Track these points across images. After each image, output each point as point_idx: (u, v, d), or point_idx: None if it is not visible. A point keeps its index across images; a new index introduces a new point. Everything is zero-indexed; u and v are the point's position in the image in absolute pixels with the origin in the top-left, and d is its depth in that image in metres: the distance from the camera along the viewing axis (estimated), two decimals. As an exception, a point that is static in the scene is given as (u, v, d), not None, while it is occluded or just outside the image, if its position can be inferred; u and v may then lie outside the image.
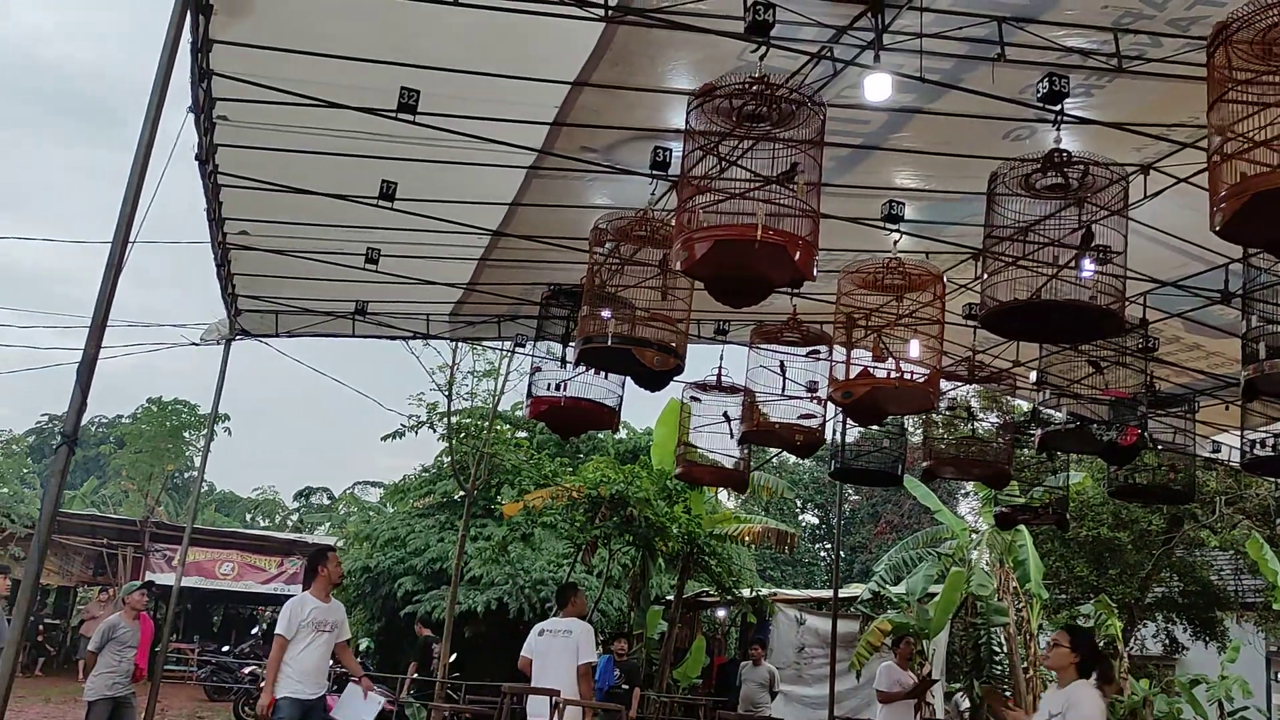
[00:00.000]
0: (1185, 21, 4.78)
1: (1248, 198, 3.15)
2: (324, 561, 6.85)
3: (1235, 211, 3.20)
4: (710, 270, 4.11)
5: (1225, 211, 3.23)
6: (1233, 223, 3.24)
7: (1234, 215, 3.21)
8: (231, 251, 8.01)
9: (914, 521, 30.38)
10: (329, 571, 6.83)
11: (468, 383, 16.64)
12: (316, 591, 6.77)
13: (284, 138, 6.13)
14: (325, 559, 6.87)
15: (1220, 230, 3.32)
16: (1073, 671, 4.98)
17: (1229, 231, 3.32)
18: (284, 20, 5.08)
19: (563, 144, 6.35)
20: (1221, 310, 7.43)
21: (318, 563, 6.86)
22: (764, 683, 13.40)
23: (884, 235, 6.33)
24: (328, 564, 6.84)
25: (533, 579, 16.76)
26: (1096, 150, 5.40)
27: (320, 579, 6.80)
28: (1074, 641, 5.08)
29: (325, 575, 6.81)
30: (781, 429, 6.75)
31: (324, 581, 6.82)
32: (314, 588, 6.79)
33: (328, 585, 6.87)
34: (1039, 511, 9.19)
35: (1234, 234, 3.37)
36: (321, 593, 6.80)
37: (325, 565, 6.82)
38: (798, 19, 4.83)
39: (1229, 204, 3.22)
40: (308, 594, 6.77)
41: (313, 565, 6.91)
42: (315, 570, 6.84)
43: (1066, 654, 5.03)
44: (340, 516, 35.80)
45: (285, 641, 6.52)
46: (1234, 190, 3.21)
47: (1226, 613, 19.06)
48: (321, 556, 6.92)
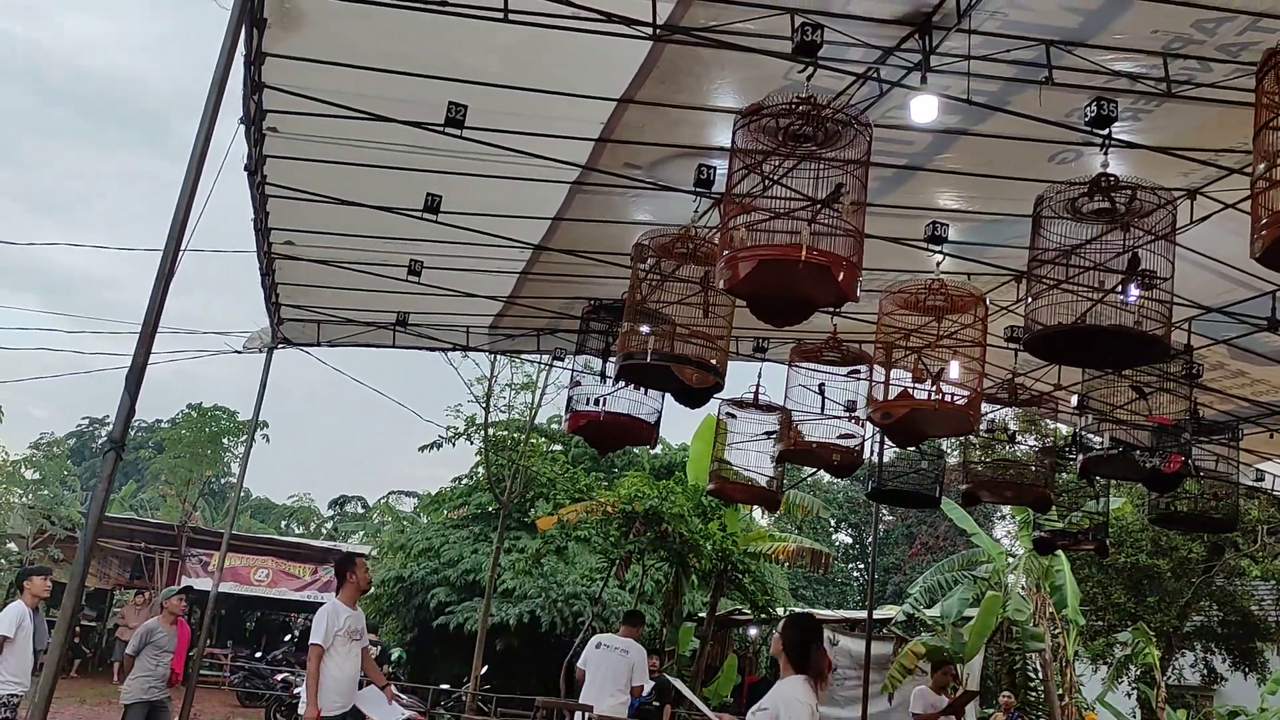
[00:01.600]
0: (1236, 47, 4.75)
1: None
2: (353, 568, 6.79)
3: (1276, 238, 3.17)
4: (754, 289, 4.12)
5: (1266, 238, 3.21)
6: (1272, 249, 3.21)
7: (1274, 242, 3.18)
8: (276, 261, 8.13)
9: (949, 544, 30.08)
10: (358, 578, 6.78)
11: (505, 395, 16.72)
12: (346, 599, 6.72)
13: (331, 150, 6.22)
14: (354, 565, 6.83)
15: (1259, 257, 3.30)
16: (785, 663, 4.48)
17: (1268, 258, 3.29)
18: (335, 35, 5.17)
19: (607, 160, 6.39)
20: (1267, 337, 7.33)
21: (347, 569, 6.80)
22: None
23: (926, 256, 6.31)
24: (356, 570, 6.79)
25: (565, 593, 16.78)
26: (1143, 174, 5.36)
27: (349, 586, 6.74)
28: (784, 631, 4.54)
29: (354, 582, 6.75)
30: (819, 448, 6.72)
31: (353, 589, 6.76)
32: (343, 595, 6.73)
33: (356, 592, 6.81)
34: (1078, 537, 9.09)
35: (1273, 261, 3.34)
36: (351, 600, 6.76)
37: (354, 572, 6.77)
38: (845, 40, 4.85)
39: (1269, 231, 3.19)
40: (339, 601, 6.71)
41: (341, 572, 6.84)
42: (344, 577, 6.78)
43: (777, 644, 4.55)
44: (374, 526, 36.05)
45: (323, 651, 6.42)
46: (1275, 217, 3.19)
47: (1267, 643, 18.70)
48: (350, 563, 6.87)
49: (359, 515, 43.66)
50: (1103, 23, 4.68)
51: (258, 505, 45.13)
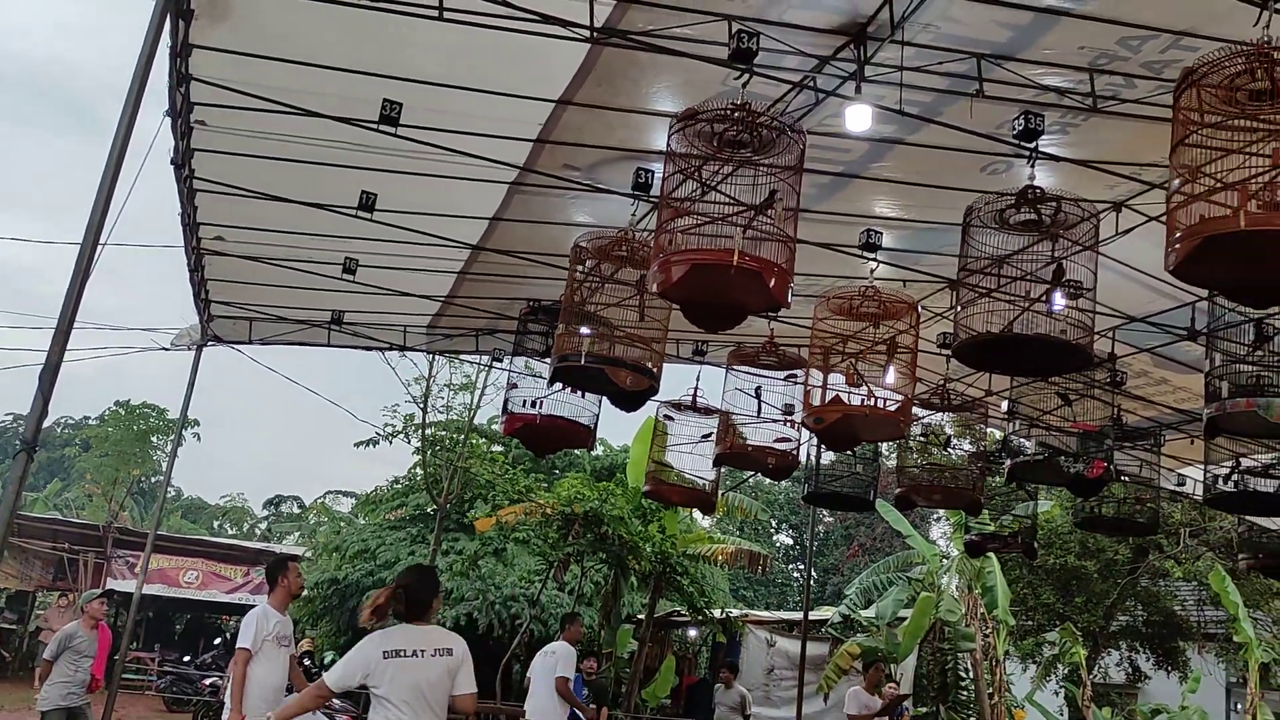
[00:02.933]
0: (1159, 65, 4.87)
1: (1200, 240, 3.22)
2: (284, 571, 6.56)
3: (1188, 253, 3.26)
4: (686, 293, 4.13)
5: (1179, 252, 3.29)
6: (1185, 263, 3.30)
7: (1186, 256, 3.27)
8: (206, 257, 7.96)
9: (886, 545, 30.48)
10: (289, 582, 6.55)
11: (444, 396, 16.57)
12: (277, 603, 6.50)
13: (263, 144, 6.11)
14: (285, 569, 6.60)
15: (1173, 270, 3.38)
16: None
17: (1181, 272, 3.38)
18: (266, 27, 5.08)
19: (545, 161, 6.37)
20: (1189, 346, 7.54)
21: (278, 572, 6.56)
22: (736, 706, 13.39)
23: (863, 263, 6.38)
24: (288, 574, 6.56)
25: (503, 595, 16.67)
26: (1071, 187, 5.48)
27: (280, 589, 6.51)
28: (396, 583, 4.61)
29: (285, 586, 6.52)
30: (754, 451, 6.76)
31: (284, 593, 6.53)
32: (274, 598, 6.51)
33: (288, 597, 6.59)
34: (1007, 540, 9.25)
35: (1186, 274, 3.43)
36: (282, 605, 6.54)
37: (286, 575, 6.53)
38: (782, 48, 4.88)
39: (1183, 245, 3.28)
40: (270, 606, 6.48)
41: (272, 575, 6.61)
42: (275, 580, 6.55)
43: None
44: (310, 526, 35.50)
45: (250, 655, 6.15)
46: (1189, 232, 3.28)
47: (1189, 643, 19.24)
48: (282, 566, 6.64)
49: (294, 516, 42.97)
50: (1032, 38, 4.78)
51: (189, 505, 44.21)
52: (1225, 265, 3.43)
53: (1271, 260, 3.39)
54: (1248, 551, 9.07)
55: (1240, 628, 15.30)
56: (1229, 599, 14.89)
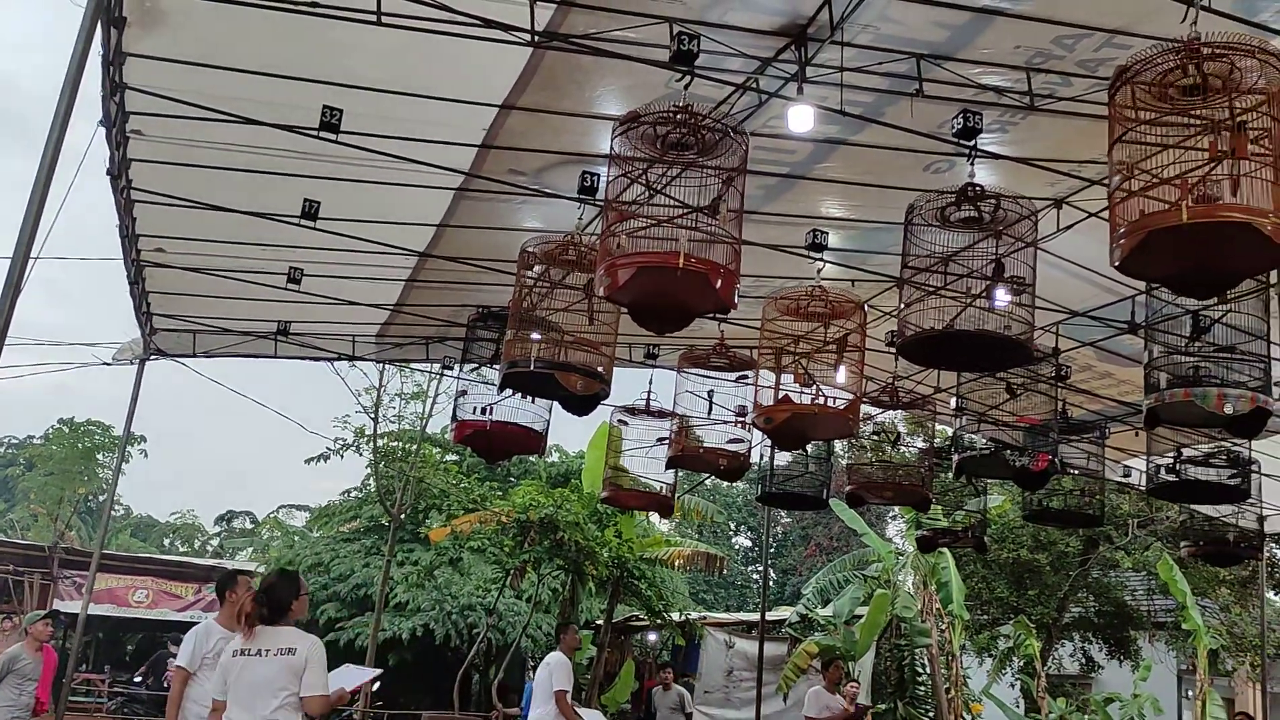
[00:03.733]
0: (1094, 63, 4.96)
1: (1144, 235, 3.27)
2: (233, 586, 6.23)
3: (1133, 248, 3.31)
4: (633, 296, 4.12)
5: (1124, 247, 3.35)
6: (1130, 258, 3.35)
7: (1131, 251, 3.32)
8: (146, 269, 7.81)
9: (843, 544, 30.71)
10: (237, 597, 6.13)
11: (395, 405, 16.39)
12: (224, 620, 6.12)
13: (202, 154, 6.01)
14: (234, 584, 6.27)
15: (1119, 265, 3.43)
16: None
17: (1127, 267, 3.43)
18: (201, 34, 5.00)
19: (490, 166, 6.33)
20: (1131, 340, 7.67)
21: (226, 588, 6.25)
22: (675, 706, 13.35)
23: (810, 263, 6.42)
24: (236, 589, 6.19)
25: (460, 604, 16.55)
26: (1013, 184, 5.56)
27: (228, 605, 6.14)
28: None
29: (234, 601, 6.10)
30: (706, 453, 6.77)
31: (231, 609, 6.10)
32: (222, 615, 6.15)
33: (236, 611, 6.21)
34: (959, 535, 9.36)
35: (1131, 269, 3.49)
36: (229, 621, 6.09)
37: (234, 590, 6.18)
38: (724, 50, 4.90)
39: (1127, 240, 3.33)
40: (214, 622, 6.14)
41: (221, 591, 6.31)
42: (224, 596, 6.24)
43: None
44: (263, 541, 34.97)
45: (187, 674, 5.76)
46: (1132, 227, 3.33)
47: (1139, 632, 19.59)
48: (231, 581, 6.32)
49: (247, 531, 42.30)
50: (969, 37, 4.84)
51: (138, 523, 43.34)
52: (1169, 259, 3.49)
53: (1213, 252, 3.45)
54: (1192, 540, 9.26)
55: (1189, 615, 15.61)
56: (1177, 587, 15.18)
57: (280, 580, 4.90)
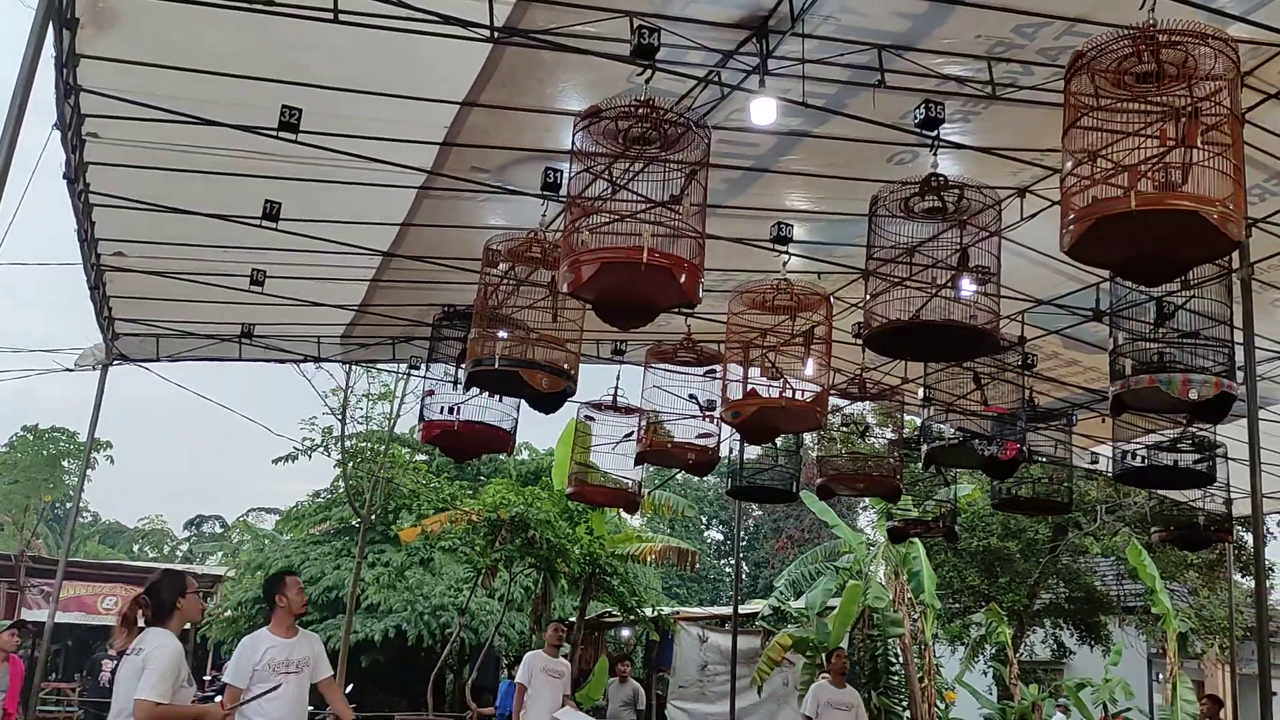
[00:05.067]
0: (1054, 51, 4.98)
1: (1093, 221, 3.29)
2: (281, 589, 5.61)
3: (1082, 234, 3.33)
4: (597, 292, 4.10)
5: (1073, 233, 3.36)
6: (1080, 244, 3.38)
7: (1080, 237, 3.34)
8: (107, 274, 7.68)
9: (815, 536, 30.82)
10: (289, 601, 5.58)
11: (362, 406, 16.24)
12: (275, 627, 5.55)
13: (160, 156, 5.92)
14: (282, 585, 5.64)
15: (1068, 251, 3.45)
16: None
17: (1076, 252, 3.46)
18: (155, 34, 4.91)
19: (453, 164, 6.27)
20: (1095, 327, 7.73)
21: (274, 591, 5.63)
22: (629, 701, 13.30)
23: (776, 256, 6.42)
24: (286, 591, 5.60)
25: (432, 605, 16.46)
26: (978, 174, 5.59)
27: (280, 610, 5.57)
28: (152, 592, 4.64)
29: (285, 605, 5.57)
30: (674, 448, 6.76)
31: (284, 612, 5.57)
32: (273, 622, 5.59)
33: (289, 615, 5.59)
34: (929, 525, 9.40)
35: (1081, 255, 3.51)
36: (281, 628, 5.55)
37: (284, 592, 5.60)
38: (685, 43, 4.87)
39: (1076, 226, 3.35)
40: (263, 631, 5.59)
41: (269, 595, 5.67)
42: (272, 600, 5.62)
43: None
44: (233, 545, 34.63)
45: (239, 693, 5.24)
46: (1081, 213, 3.35)
47: (1109, 617, 19.81)
48: (278, 584, 5.68)
49: (217, 535, 41.90)
50: (929, 27, 4.84)
51: (106, 529, 42.81)
52: (1118, 245, 3.51)
53: (1161, 239, 3.48)
54: (1160, 525, 9.36)
55: (1158, 599, 15.79)
56: (1146, 572, 15.35)
57: (163, 580, 4.68)
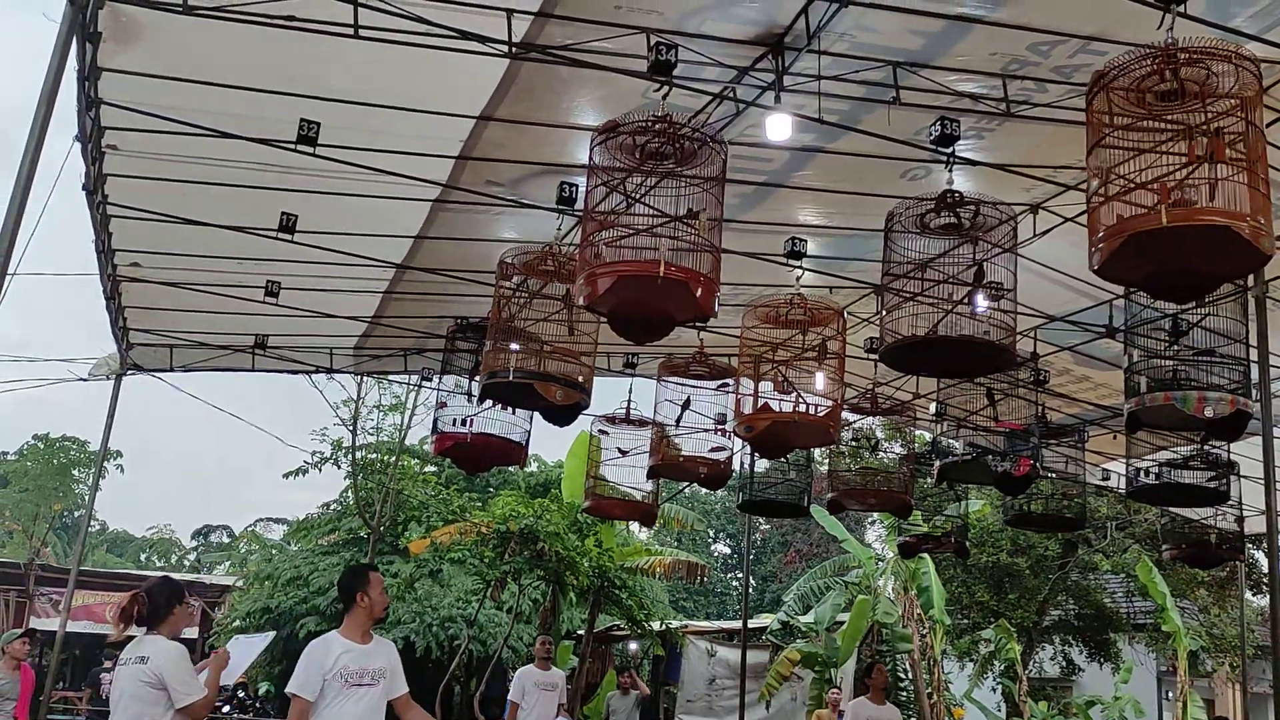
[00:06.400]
0: (1068, 69, 5.00)
1: (1124, 238, 3.29)
2: (365, 586, 4.72)
3: (1113, 251, 3.33)
4: (613, 306, 4.11)
5: (1103, 251, 3.36)
6: (1110, 262, 3.37)
7: (1111, 255, 3.34)
8: (122, 284, 7.74)
9: (823, 550, 30.73)
10: (372, 601, 4.72)
11: (373, 417, 16.31)
12: (350, 630, 4.69)
13: (178, 168, 5.96)
14: (366, 582, 4.73)
15: (1098, 269, 3.45)
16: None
17: (1106, 271, 3.45)
18: (176, 48, 4.96)
19: (468, 178, 6.31)
20: (1107, 344, 7.73)
21: (356, 589, 4.71)
22: (631, 712, 13.28)
23: (789, 271, 6.43)
24: (370, 589, 4.72)
25: (441, 616, 16.44)
26: (989, 190, 5.59)
27: (359, 611, 4.71)
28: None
29: (367, 606, 4.72)
30: (686, 461, 6.77)
31: (363, 614, 4.71)
32: (346, 624, 4.72)
33: (368, 619, 4.74)
34: (940, 540, 9.38)
35: (1111, 273, 3.50)
36: (357, 632, 4.69)
37: (368, 591, 4.72)
38: (701, 59, 4.90)
39: (1107, 244, 3.35)
40: (335, 634, 4.73)
41: (350, 593, 4.73)
42: (352, 599, 4.71)
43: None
44: (241, 555, 34.69)
45: (306, 705, 4.49)
46: (1111, 231, 3.35)
47: (1119, 634, 19.70)
48: (362, 579, 4.76)
49: (224, 545, 41.95)
50: (945, 45, 4.87)
51: (114, 538, 42.91)
52: (1148, 262, 3.50)
53: (1192, 255, 3.47)
54: (1171, 542, 9.32)
55: (1168, 617, 15.70)
56: (1156, 589, 15.27)
57: (160, 586, 4.74)
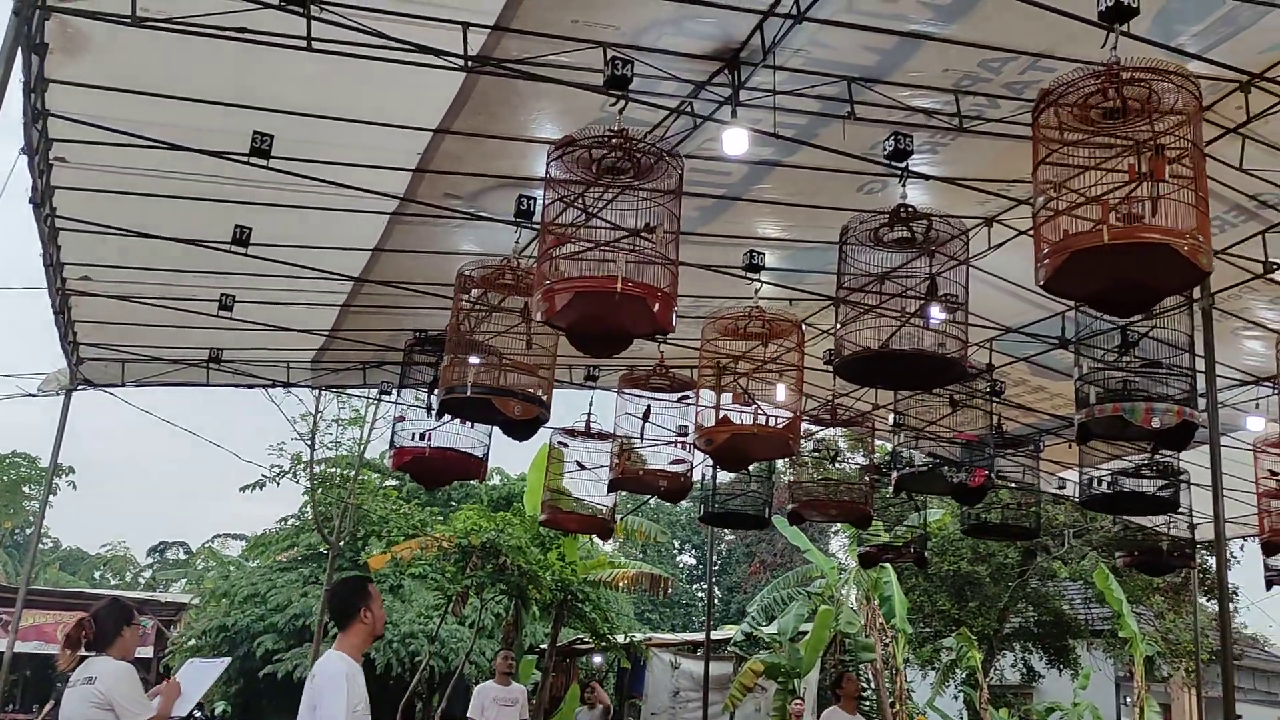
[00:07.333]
0: (1019, 85, 5.07)
1: (1068, 254, 3.34)
2: (366, 600, 4.08)
3: (1057, 267, 3.38)
4: (570, 321, 4.11)
5: (1048, 267, 3.41)
6: (1055, 278, 3.42)
7: (1056, 271, 3.39)
8: (72, 298, 7.61)
9: (787, 560, 30.82)
10: (374, 617, 4.08)
11: (332, 431, 16.11)
12: (349, 648, 4.02)
13: (129, 180, 5.88)
14: (367, 596, 4.11)
15: (1044, 285, 3.50)
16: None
17: (1052, 286, 3.50)
18: (126, 60, 4.89)
19: (426, 190, 6.28)
20: (1062, 354, 7.84)
21: (360, 604, 4.06)
22: None
23: (748, 284, 6.46)
24: (372, 604, 4.09)
25: (401, 633, 16.26)
26: (945, 204, 5.66)
27: (360, 629, 4.06)
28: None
29: (369, 623, 4.06)
30: (646, 475, 6.76)
31: (365, 633, 4.07)
32: (345, 645, 4.03)
33: (370, 639, 4.14)
34: (900, 550, 9.45)
35: (1057, 288, 3.56)
36: (358, 654, 4.04)
37: (370, 606, 4.07)
38: (657, 74, 4.92)
39: (1051, 260, 3.40)
40: (341, 655, 3.98)
41: (351, 607, 4.06)
42: (353, 614, 4.06)
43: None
44: (198, 572, 34.13)
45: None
46: (1056, 248, 3.40)
47: (1078, 641, 19.94)
48: (361, 594, 4.13)
49: (181, 562, 41.24)
50: (898, 61, 4.92)
51: (67, 556, 42.02)
52: (1091, 278, 3.56)
53: (1133, 272, 3.53)
54: (1125, 549, 9.45)
55: (1125, 623, 15.92)
56: (1113, 596, 15.49)
57: (107, 608, 4.61)
